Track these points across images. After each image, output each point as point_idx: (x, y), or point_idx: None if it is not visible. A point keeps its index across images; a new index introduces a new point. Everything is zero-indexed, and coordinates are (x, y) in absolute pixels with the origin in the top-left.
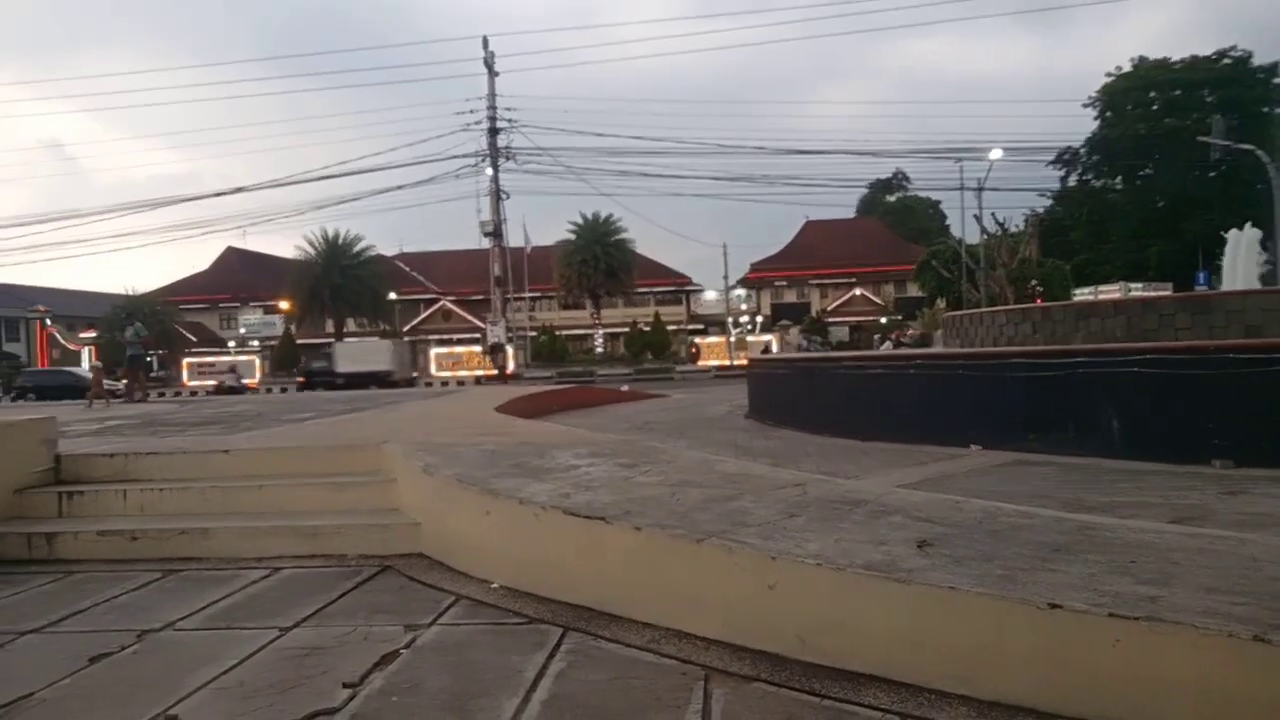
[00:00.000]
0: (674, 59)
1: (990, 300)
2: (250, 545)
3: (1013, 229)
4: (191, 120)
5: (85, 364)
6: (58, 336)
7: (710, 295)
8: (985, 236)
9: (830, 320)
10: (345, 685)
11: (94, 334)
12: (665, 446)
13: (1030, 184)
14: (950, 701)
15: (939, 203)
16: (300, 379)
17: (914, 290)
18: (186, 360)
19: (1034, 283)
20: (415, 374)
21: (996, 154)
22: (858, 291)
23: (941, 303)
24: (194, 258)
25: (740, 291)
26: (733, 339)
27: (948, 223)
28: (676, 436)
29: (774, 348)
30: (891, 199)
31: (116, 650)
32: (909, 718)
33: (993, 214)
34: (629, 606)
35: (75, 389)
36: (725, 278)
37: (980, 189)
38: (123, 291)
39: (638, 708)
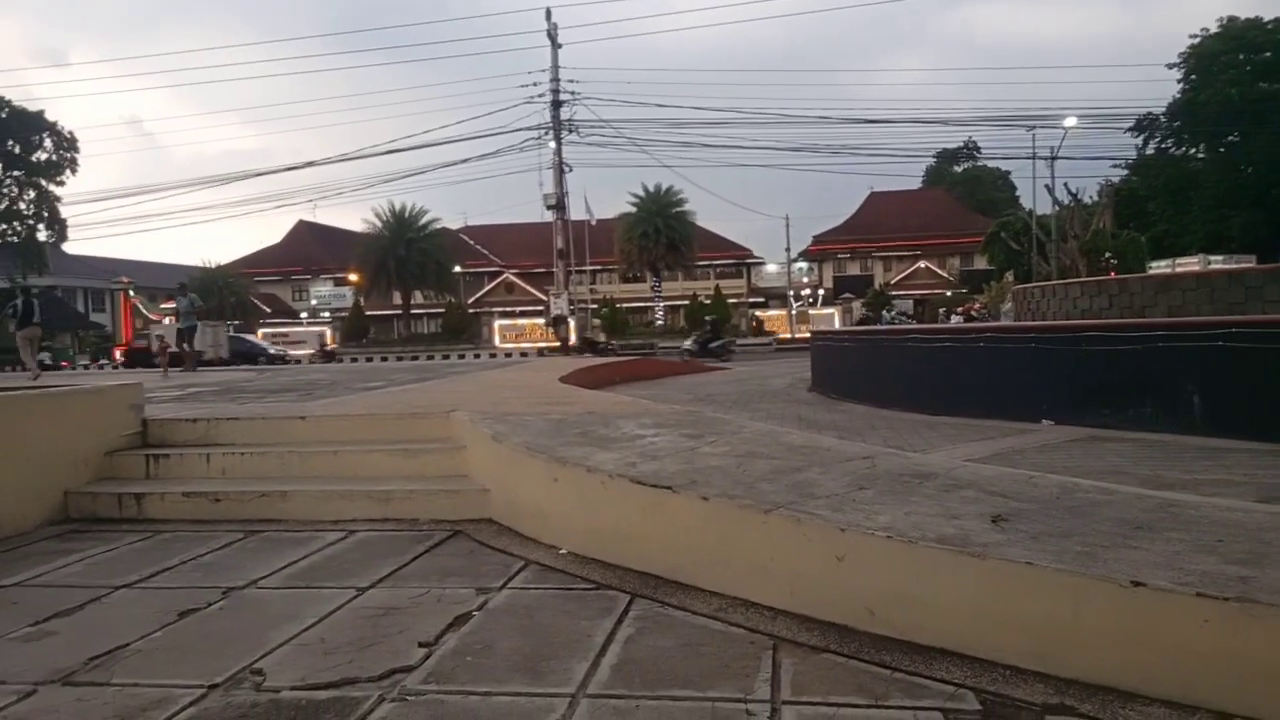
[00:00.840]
0: (735, 28)
1: (1061, 273)
2: (326, 508)
3: (1086, 200)
4: (263, 95)
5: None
6: (140, 307)
7: (771, 268)
8: (1057, 207)
9: (894, 294)
10: (421, 644)
11: (173, 304)
12: (729, 418)
13: (1106, 152)
14: (1025, 678)
15: (1009, 173)
16: (123, 356)
17: (981, 263)
18: (261, 331)
19: (1108, 255)
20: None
21: (1071, 121)
22: (922, 264)
23: (1010, 276)
24: (267, 231)
25: (802, 264)
26: (794, 312)
27: (1018, 193)
28: (740, 408)
29: (836, 321)
30: (959, 169)
31: (204, 606)
32: (983, 693)
33: (1065, 184)
34: (695, 575)
35: (249, 356)
36: (787, 250)
37: (1053, 158)
38: (200, 264)
39: (706, 674)
